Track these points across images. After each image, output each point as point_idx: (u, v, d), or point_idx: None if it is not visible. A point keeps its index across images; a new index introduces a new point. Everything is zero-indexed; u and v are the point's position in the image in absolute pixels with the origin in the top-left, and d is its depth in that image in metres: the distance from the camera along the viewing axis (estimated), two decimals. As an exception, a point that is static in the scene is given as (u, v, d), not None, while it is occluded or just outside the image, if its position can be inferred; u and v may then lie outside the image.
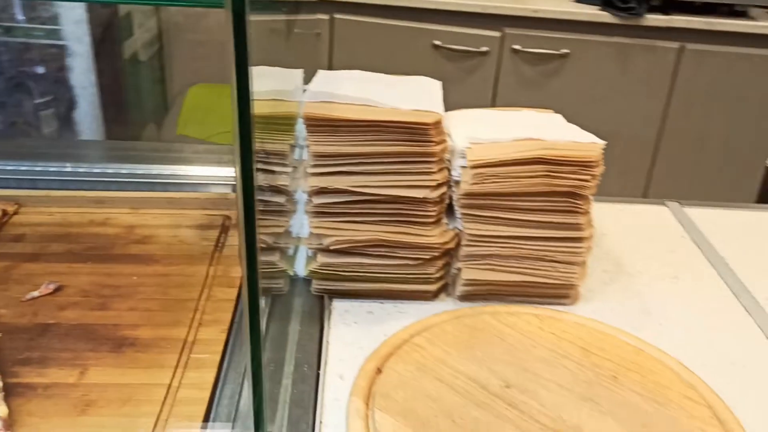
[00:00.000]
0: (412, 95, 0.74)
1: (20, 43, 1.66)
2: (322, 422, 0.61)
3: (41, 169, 0.96)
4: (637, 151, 2.12)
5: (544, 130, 0.75)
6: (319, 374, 0.66)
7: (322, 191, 0.72)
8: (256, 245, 0.47)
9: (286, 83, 0.71)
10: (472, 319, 0.73)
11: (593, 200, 0.74)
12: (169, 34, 2.13)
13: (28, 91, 1.67)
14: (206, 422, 0.62)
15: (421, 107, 0.71)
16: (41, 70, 1.69)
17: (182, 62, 2.14)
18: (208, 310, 0.77)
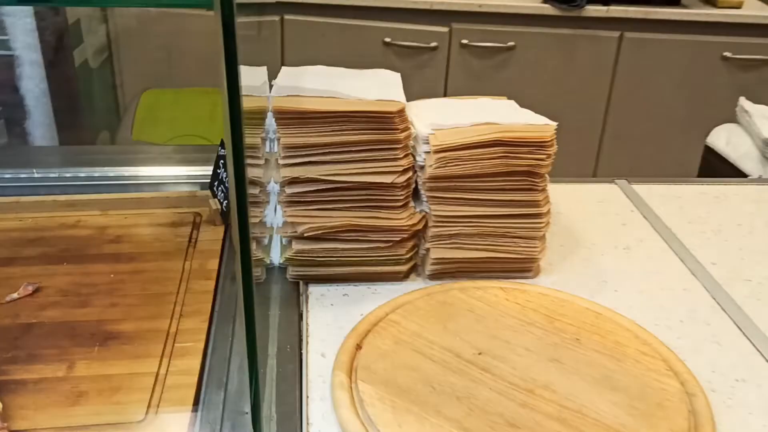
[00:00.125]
0: (375, 86, 0.78)
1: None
2: (308, 396, 0.64)
3: (10, 176, 0.97)
4: (585, 134, 2.21)
5: (500, 114, 0.79)
6: (301, 354, 0.70)
7: (294, 181, 0.75)
8: (248, 235, 0.50)
9: (255, 80, 0.74)
10: (442, 295, 0.77)
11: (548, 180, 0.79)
12: (119, 40, 2.12)
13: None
14: (196, 405, 0.65)
15: (384, 97, 0.75)
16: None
17: (134, 68, 2.13)
18: (187, 301, 0.79)
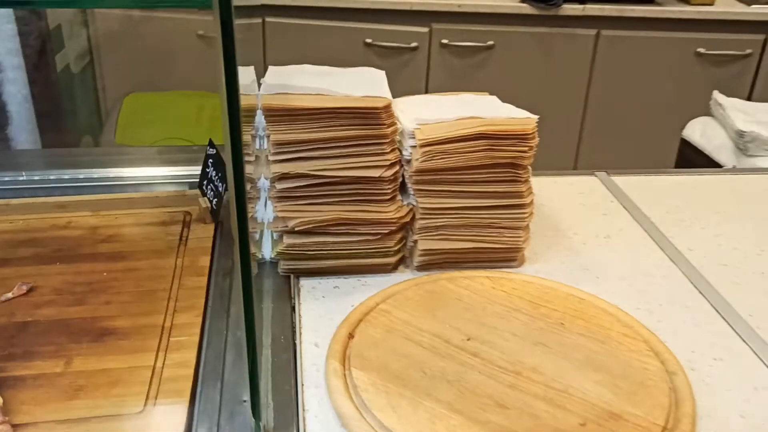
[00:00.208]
0: (361, 83, 0.80)
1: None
2: (303, 384, 0.66)
3: (-1, 179, 0.98)
4: (565, 129, 2.25)
5: (482, 109, 0.82)
6: (295, 344, 0.72)
7: (284, 177, 0.77)
8: (247, 231, 0.52)
9: (244, 79, 0.76)
10: (430, 285, 0.79)
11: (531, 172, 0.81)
12: (100, 45, 2.12)
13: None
14: (194, 396, 0.67)
15: (370, 94, 0.77)
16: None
17: (115, 72, 2.14)
18: (181, 297, 0.81)
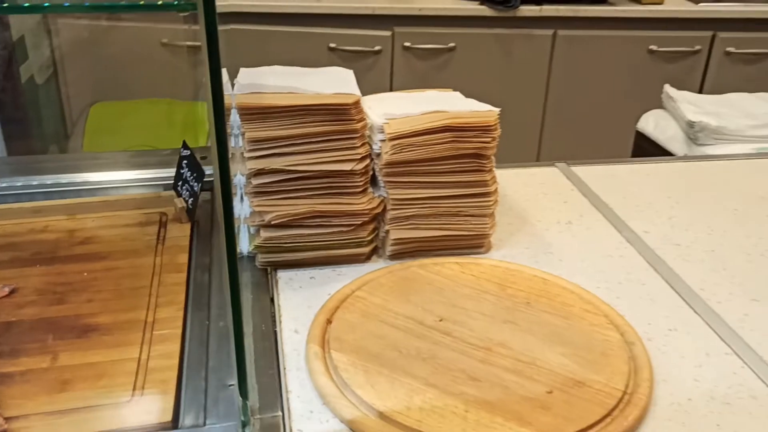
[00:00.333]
0: (330, 82, 0.84)
1: None
2: (285, 368, 0.69)
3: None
4: (526, 124, 2.32)
5: (447, 103, 0.86)
6: (276, 331, 0.75)
7: (259, 173, 0.80)
8: (233, 225, 0.55)
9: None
10: (403, 272, 0.83)
11: (495, 162, 0.86)
12: (63, 55, 2.12)
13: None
14: (180, 384, 0.69)
15: (340, 91, 0.81)
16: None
17: (80, 82, 2.14)
18: (161, 293, 0.83)
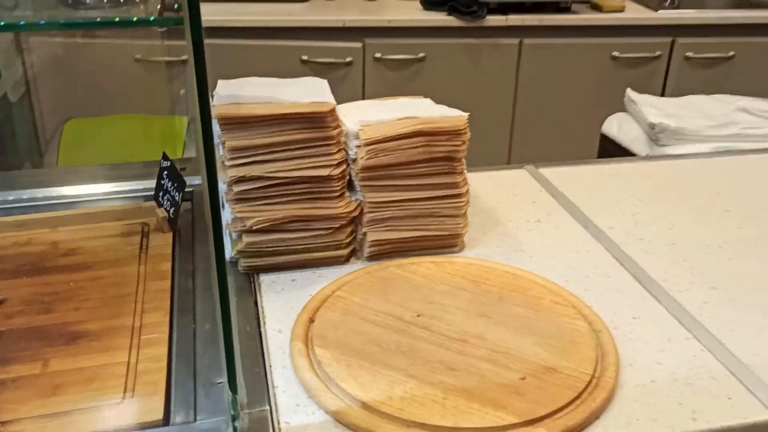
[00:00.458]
0: (306, 91, 0.87)
1: None
2: (271, 366, 0.72)
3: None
4: (496, 130, 2.38)
5: (419, 109, 0.90)
6: (260, 332, 0.77)
7: (240, 180, 0.83)
8: (221, 231, 0.58)
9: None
10: (381, 272, 0.86)
11: (466, 165, 0.90)
12: (36, 73, 2.13)
13: None
14: (169, 385, 0.72)
15: (316, 99, 0.84)
16: None
17: (54, 99, 2.14)
18: (147, 299, 0.85)
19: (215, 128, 0.83)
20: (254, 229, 0.84)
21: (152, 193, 1.05)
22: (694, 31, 2.35)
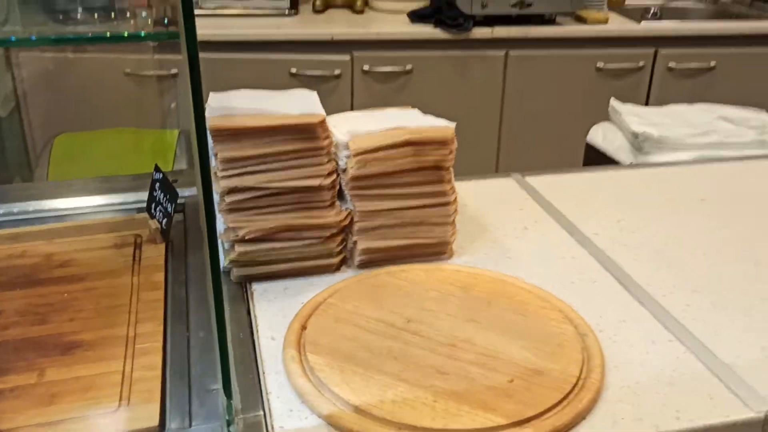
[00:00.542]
0: (296, 103, 0.89)
1: None
2: (264, 372, 0.73)
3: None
4: (484, 140, 2.41)
5: (407, 120, 0.92)
6: (253, 339, 0.79)
7: (232, 191, 0.84)
8: (217, 242, 0.60)
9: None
10: (372, 279, 0.88)
11: (454, 174, 0.92)
12: (26, 87, 2.14)
13: None
14: (164, 392, 0.73)
15: (306, 111, 0.86)
16: None
17: (44, 114, 2.15)
18: (141, 309, 0.87)
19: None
20: (247, 238, 0.86)
21: (144, 205, 1.06)
22: (676, 42, 2.39)
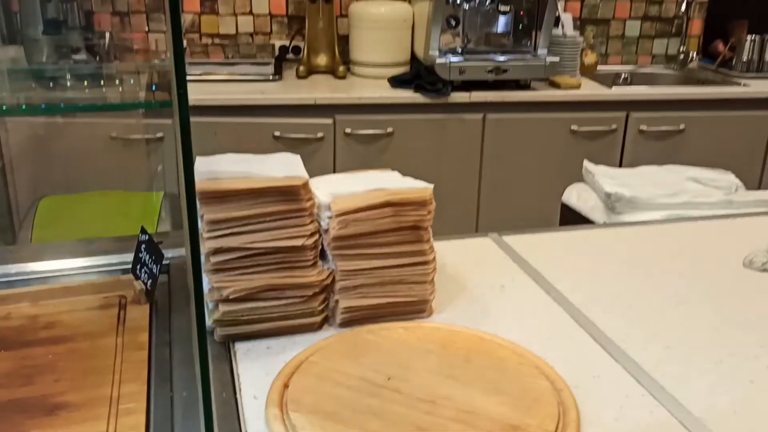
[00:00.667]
0: (280, 166, 0.93)
1: None
2: (247, 431, 0.74)
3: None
4: (464, 200, 2.46)
5: (387, 182, 0.96)
6: (236, 398, 0.80)
7: (218, 251, 0.87)
8: (203, 302, 0.62)
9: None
10: (353, 337, 0.90)
11: (433, 234, 0.95)
12: (11, 151, 2.17)
13: None
14: (147, 452, 0.74)
15: (290, 174, 0.90)
16: None
17: (29, 176, 2.18)
18: (125, 370, 0.88)
19: (194, 203, 0.87)
20: (231, 298, 0.88)
21: (128, 266, 1.08)
22: (646, 106, 2.49)
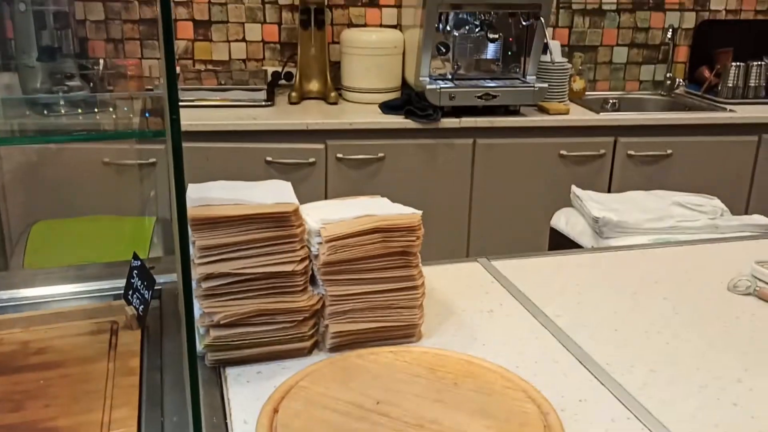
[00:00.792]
0: (271, 193, 0.94)
1: None
2: (238, 455, 0.75)
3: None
4: (454, 224, 2.48)
5: (376, 208, 0.97)
6: (227, 423, 0.81)
7: (209, 277, 0.88)
8: (194, 327, 0.63)
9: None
10: (342, 362, 0.91)
11: (421, 259, 0.96)
12: (4, 176, 2.18)
13: None
14: (137, 477, 0.74)
15: (280, 200, 0.91)
16: None
17: (22, 202, 2.18)
18: (116, 395, 0.88)
19: (186, 229, 0.88)
20: (222, 323, 0.89)
21: (120, 291, 1.09)
22: (634, 131, 2.52)
